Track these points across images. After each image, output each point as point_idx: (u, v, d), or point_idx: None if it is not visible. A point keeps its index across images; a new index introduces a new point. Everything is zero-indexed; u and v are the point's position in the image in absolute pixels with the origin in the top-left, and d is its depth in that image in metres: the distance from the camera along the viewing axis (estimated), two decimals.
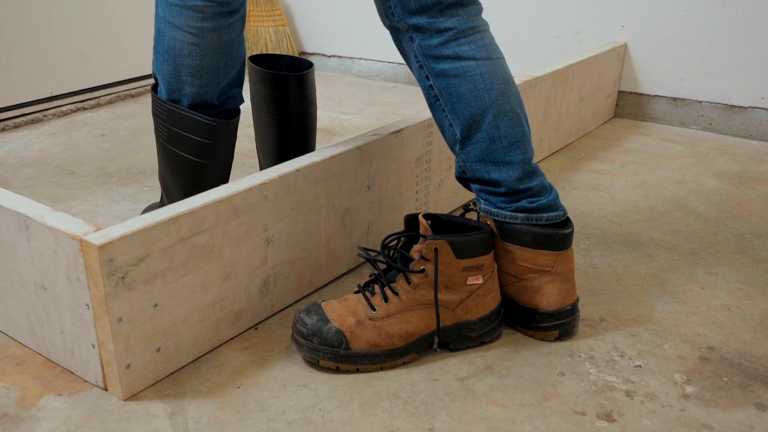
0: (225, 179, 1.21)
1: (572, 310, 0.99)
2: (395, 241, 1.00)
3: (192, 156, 1.15)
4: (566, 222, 1.00)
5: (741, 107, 1.92)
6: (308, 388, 0.90)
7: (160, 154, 1.18)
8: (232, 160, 1.21)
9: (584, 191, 1.55)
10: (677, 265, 1.22)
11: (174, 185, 1.20)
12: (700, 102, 1.98)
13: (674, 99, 2.01)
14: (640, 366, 0.95)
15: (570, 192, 1.54)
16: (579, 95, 1.82)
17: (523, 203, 0.98)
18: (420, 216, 0.93)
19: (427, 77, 0.98)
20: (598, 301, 1.10)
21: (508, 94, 0.97)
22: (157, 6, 1.09)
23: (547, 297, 0.98)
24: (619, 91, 2.10)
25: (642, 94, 2.07)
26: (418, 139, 1.25)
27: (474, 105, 0.96)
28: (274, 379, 0.92)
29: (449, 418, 0.84)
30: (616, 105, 2.11)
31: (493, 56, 0.97)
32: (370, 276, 0.97)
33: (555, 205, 0.99)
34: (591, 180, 1.61)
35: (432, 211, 1.36)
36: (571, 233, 0.99)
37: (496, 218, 0.99)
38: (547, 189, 1.00)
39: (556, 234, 0.97)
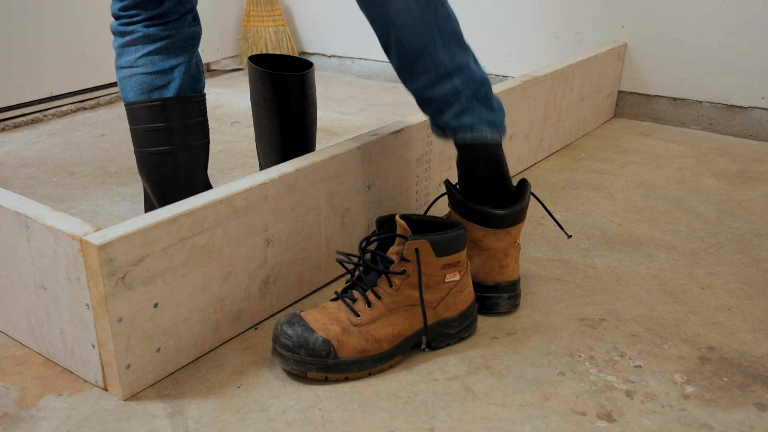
0: (192, 171, 1.11)
1: (495, 288, 1.04)
2: (373, 244, 1.00)
3: (151, 147, 1.08)
4: (510, 201, 1.03)
5: (741, 107, 1.92)
6: (308, 388, 0.90)
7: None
8: (200, 152, 1.11)
9: (584, 191, 1.55)
10: (677, 265, 1.22)
11: (148, 193, 1.13)
12: (700, 102, 1.98)
13: (674, 99, 2.01)
14: (640, 366, 0.95)
15: (570, 192, 1.54)
16: (579, 95, 1.82)
17: (433, 118, 1.02)
18: (397, 217, 0.93)
19: None
20: (598, 301, 1.10)
21: (411, 4, 0.95)
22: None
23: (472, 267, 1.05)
24: (619, 91, 2.10)
25: (642, 94, 2.07)
26: (418, 139, 1.25)
27: (378, 23, 0.98)
28: (274, 379, 0.92)
29: (449, 418, 0.84)
30: (616, 105, 2.11)
31: None
32: (347, 282, 0.97)
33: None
34: (591, 180, 1.61)
35: (432, 211, 1.36)
36: (509, 215, 1.01)
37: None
38: (460, 96, 0.99)
39: (485, 211, 1.00)
